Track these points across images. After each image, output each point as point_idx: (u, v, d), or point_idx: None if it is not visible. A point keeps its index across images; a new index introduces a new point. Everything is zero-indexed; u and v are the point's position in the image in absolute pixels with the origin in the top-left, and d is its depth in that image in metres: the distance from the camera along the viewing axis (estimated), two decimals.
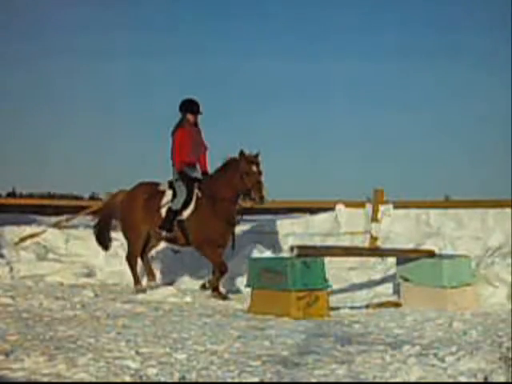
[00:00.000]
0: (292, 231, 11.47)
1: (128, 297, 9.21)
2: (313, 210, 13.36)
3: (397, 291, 8.86)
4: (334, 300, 8.37)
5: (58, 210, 14.97)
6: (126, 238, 10.12)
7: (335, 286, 8.86)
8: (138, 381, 4.51)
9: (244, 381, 4.54)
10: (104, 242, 10.46)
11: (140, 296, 9.18)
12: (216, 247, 9.39)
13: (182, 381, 4.52)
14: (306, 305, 7.56)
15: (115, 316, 7.35)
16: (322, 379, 4.57)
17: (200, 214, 9.37)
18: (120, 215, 10.18)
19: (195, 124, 9.78)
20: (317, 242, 10.77)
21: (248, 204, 9.51)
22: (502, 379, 4.48)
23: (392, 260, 9.28)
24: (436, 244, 9.49)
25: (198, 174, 9.69)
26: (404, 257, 8.66)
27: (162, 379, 4.55)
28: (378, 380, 4.56)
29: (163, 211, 9.60)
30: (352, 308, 8.18)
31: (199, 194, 9.44)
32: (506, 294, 8.41)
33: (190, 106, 9.76)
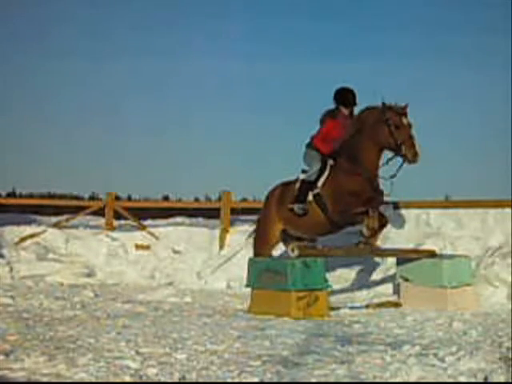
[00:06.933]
0: None
1: (128, 297, 9.21)
2: None
3: (397, 291, 8.86)
4: (333, 300, 8.38)
5: (57, 210, 14.93)
6: (254, 247, 9.25)
7: (335, 286, 8.86)
8: (138, 381, 4.51)
9: (244, 381, 4.54)
10: None
11: (140, 296, 9.18)
12: (360, 204, 8.10)
13: (182, 381, 4.52)
14: (306, 305, 7.57)
15: (115, 316, 7.36)
16: (322, 379, 4.57)
17: (336, 176, 8.36)
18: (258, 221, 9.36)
19: (351, 116, 8.62)
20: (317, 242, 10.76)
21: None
22: (502, 379, 4.48)
23: (392, 260, 9.28)
24: (436, 244, 9.49)
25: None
26: (404, 257, 8.66)
27: (162, 379, 4.55)
28: (378, 380, 4.56)
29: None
30: (352, 308, 8.18)
31: (332, 163, 8.47)
32: (506, 294, 8.42)
33: (343, 98, 8.62)
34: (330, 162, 8.52)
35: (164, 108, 45.10)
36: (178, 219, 13.89)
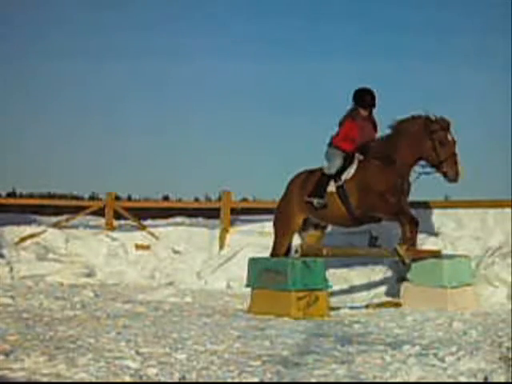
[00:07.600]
0: None
1: (128, 297, 9.21)
2: None
3: (397, 291, 8.85)
4: (334, 300, 8.38)
5: (57, 210, 14.96)
6: (275, 232, 9.06)
7: (335, 286, 8.86)
8: (138, 381, 4.51)
9: (244, 381, 4.54)
10: None
11: (140, 296, 9.18)
12: (391, 200, 7.97)
13: (182, 381, 4.52)
14: (306, 305, 7.56)
15: (115, 316, 7.36)
16: (322, 379, 4.57)
17: (366, 172, 8.15)
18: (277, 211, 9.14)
19: (370, 117, 8.55)
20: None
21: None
22: (502, 379, 4.48)
23: (392, 260, 9.27)
24: (436, 244, 9.48)
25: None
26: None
27: (162, 379, 4.54)
28: (378, 380, 4.56)
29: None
30: (352, 308, 8.18)
31: (361, 158, 8.30)
32: (506, 294, 8.42)
33: (361, 99, 8.47)
34: (360, 157, 8.32)
35: (164, 108, 45.15)
36: (178, 219, 13.90)
